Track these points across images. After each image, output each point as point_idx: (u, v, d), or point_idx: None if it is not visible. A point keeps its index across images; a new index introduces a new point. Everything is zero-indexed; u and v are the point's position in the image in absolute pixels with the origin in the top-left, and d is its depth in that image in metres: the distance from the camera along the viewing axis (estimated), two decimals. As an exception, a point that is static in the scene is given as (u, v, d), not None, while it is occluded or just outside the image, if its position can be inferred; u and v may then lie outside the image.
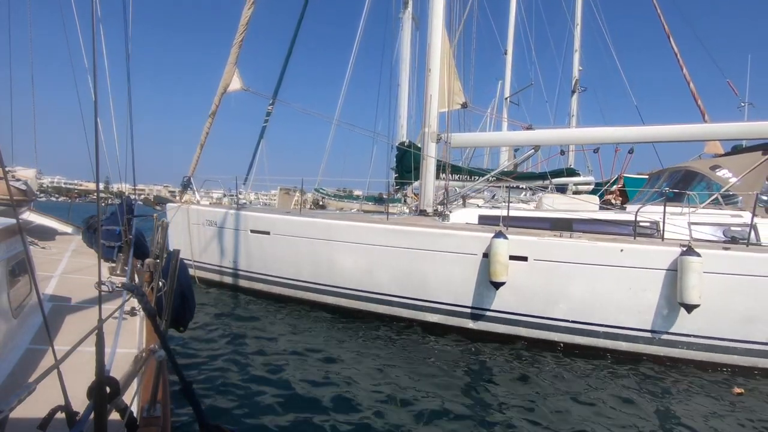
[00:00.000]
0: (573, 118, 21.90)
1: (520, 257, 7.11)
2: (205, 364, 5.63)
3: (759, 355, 6.40)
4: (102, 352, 1.35)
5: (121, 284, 2.18)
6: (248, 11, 11.83)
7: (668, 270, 6.50)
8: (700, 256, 6.23)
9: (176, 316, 3.32)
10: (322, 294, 8.86)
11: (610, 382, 5.87)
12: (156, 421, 1.93)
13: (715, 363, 6.51)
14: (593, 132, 9.20)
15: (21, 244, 3.09)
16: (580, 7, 21.47)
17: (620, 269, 6.73)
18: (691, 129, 8.57)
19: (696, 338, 6.51)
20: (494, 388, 5.48)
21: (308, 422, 4.31)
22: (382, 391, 5.12)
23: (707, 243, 6.87)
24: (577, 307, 6.99)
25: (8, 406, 1.19)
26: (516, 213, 8.36)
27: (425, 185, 10.39)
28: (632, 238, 7.01)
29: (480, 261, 7.35)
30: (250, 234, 9.81)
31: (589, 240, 6.99)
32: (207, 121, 12.21)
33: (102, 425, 1.31)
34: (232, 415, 4.36)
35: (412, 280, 7.94)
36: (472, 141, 10.61)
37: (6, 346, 2.54)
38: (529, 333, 7.31)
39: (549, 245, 7.07)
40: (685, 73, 16.29)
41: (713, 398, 5.53)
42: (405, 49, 17.89)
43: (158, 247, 4.16)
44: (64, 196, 60.62)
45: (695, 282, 6.19)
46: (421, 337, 7.44)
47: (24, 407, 1.27)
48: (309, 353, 6.23)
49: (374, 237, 8.17)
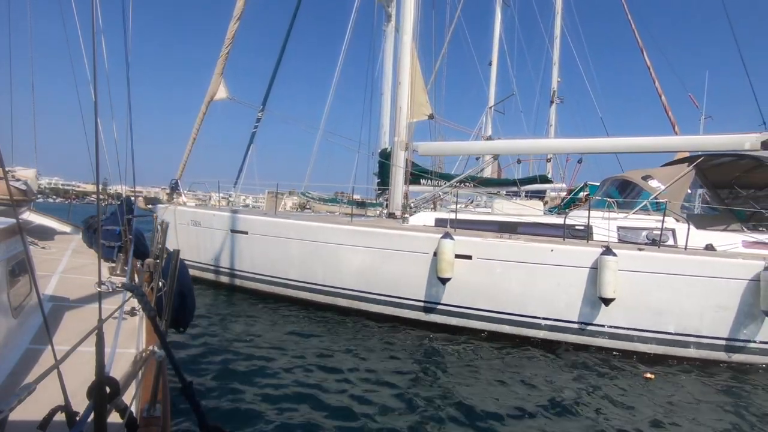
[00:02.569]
0: (552, 127, 22.87)
1: (465, 256, 7.95)
2: (205, 363, 5.79)
3: (668, 344, 7.25)
4: (102, 352, 1.34)
5: (121, 284, 2.23)
6: (234, 25, 12.76)
7: (591, 268, 7.36)
8: (616, 255, 7.10)
9: (175, 317, 3.29)
10: (296, 290, 9.64)
11: (540, 369, 6.59)
12: (156, 421, 1.94)
13: (630, 351, 7.35)
14: (544, 143, 10.08)
15: (21, 244, 3.10)
16: (558, 23, 22.50)
17: (551, 267, 7.59)
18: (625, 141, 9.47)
19: (613, 329, 7.37)
20: (441, 374, 6.07)
21: (306, 421, 4.46)
22: (365, 386, 5.44)
23: (626, 244, 7.74)
24: (514, 301, 7.83)
25: (8, 406, 1.19)
26: (469, 216, 9.22)
27: (394, 190, 11.26)
28: (562, 239, 7.87)
29: (431, 259, 8.19)
30: (230, 233, 10.63)
31: (524, 241, 7.85)
32: (194, 128, 13.11)
33: (102, 425, 1.30)
34: (232, 415, 4.44)
35: (373, 277, 8.77)
36: (437, 149, 11.49)
37: (6, 346, 2.54)
38: (474, 324, 8.13)
39: (490, 245, 7.92)
40: (658, 86, 17.26)
41: (627, 382, 6.29)
42: (388, 60, 18.76)
43: (158, 247, 4.07)
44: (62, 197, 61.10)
45: (611, 279, 7.06)
46: (380, 329, 8.19)
47: (24, 407, 1.27)
48: (287, 351, 6.59)
49: (339, 237, 9.00)
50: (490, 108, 26.63)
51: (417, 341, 7.60)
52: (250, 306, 9.40)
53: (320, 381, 5.50)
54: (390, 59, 19.05)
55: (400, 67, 11.68)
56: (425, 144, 11.39)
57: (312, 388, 5.27)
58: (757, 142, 9.14)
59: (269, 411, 4.62)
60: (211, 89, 12.92)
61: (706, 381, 6.52)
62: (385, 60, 19.09)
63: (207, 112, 13.13)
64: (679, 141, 9.90)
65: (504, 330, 7.96)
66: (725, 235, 8.01)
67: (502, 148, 10.53)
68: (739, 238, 7.88)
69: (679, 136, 9.42)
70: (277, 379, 5.50)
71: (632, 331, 7.29)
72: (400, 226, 9.12)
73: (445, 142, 11.97)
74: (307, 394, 5.09)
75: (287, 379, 5.49)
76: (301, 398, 4.97)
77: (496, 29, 25.20)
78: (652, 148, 9.32)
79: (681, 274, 7.09)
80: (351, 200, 17.68)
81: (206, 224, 11.12)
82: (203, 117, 13.14)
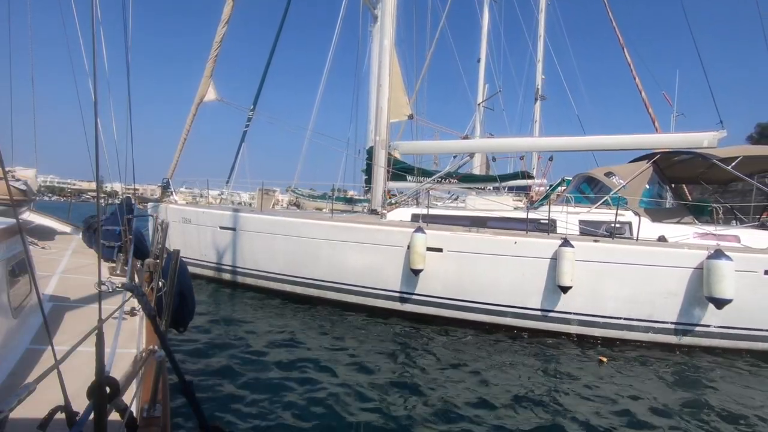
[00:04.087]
0: (536, 123, 23.40)
1: (436, 249, 8.50)
2: (204, 362, 5.84)
3: (622, 328, 7.83)
4: (102, 352, 1.35)
5: (121, 284, 2.28)
6: (222, 29, 13.19)
7: (551, 259, 7.92)
8: (573, 247, 7.66)
9: (175, 317, 3.29)
10: (282, 283, 10.16)
11: (504, 354, 7.07)
12: (156, 421, 1.94)
13: (588, 336, 7.93)
14: (515, 142, 10.61)
15: (21, 244, 3.11)
16: (543, 22, 22.97)
17: (515, 258, 8.14)
18: (594, 140, 10.02)
19: (572, 315, 7.94)
20: (415, 358, 6.53)
21: (302, 419, 4.55)
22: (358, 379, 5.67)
23: (584, 237, 8.30)
24: (482, 290, 8.38)
25: (8, 406, 1.19)
26: (443, 212, 9.77)
27: (375, 187, 11.78)
28: (525, 233, 8.41)
29: (405, 252, 8.73)
30: (219, 230, 11.14)
31: (491, 234, 8.40)
32: (184, 129, 13.57)
33: (102, 425, 1.31)
34: (231, 415, 4.49)
35: (352, 269, 9.30)
36: (417, 148, 12.00)
37: (6, 346, 2.53)
38: (446, 313, 8.68)
39: (459, 239, 8.47)
40: (638, 83, 17.85)
41: (583, 365, 6.80)
42: (374, 61, 19.23)
43: (158, 247, 4.07)
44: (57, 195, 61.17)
45: (568, 268, 7.62)
46: (359, 318, 8.72)
47: (24, 407, 1.28)
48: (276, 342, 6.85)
49: (320, 232, 9.54)
50: (479, 105, 27.25)
51: (392, 330, 8.11)
52: (240, 300, 9.91)
53: (312, 375, 5.68)
54: (376, 60, 19.55)
55: (380, 69, 12.17)
56: (405, 143, 11.92)
57: (306, 383, 5.42)
58: (714, 140, 9.74)
59: (267, 409, 4.69)
60: (200, 91, 13.36)
61: (657, 363, 7.03)
62: (371, 61, 19.58)
63: (197, 113, 13.66)
64: (642, 139, 10.46)
65: (473, 318, 8.51)
66: (679, 228, 8.57)
67: (475, 147, 11.08)
68: (691, 230, 8.45)
69: (640, 135, 9.95)
70: (269, 373, 5.64)
71: (589, 316, 7.86)
72: (378, 221, 9.65)
73: (423, 142, 12.50)
74: (303, 391, 5.21)
75: (281, 375, 5.63)
76: (295, 394, 5.09)
77: (483, 27, 25.69)
78: (616, 146, 9.87)
79: (633, 264, 7.66)
80: (339, 197, 18.20)
81: (196, 221, 11.62)
82: (193, 118, 13.59)
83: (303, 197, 19.74)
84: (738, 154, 8.54)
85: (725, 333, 7.53)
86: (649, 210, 9.03)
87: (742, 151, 8.70)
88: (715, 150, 8.98)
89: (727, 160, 8.51)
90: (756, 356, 7.46)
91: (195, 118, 13.59)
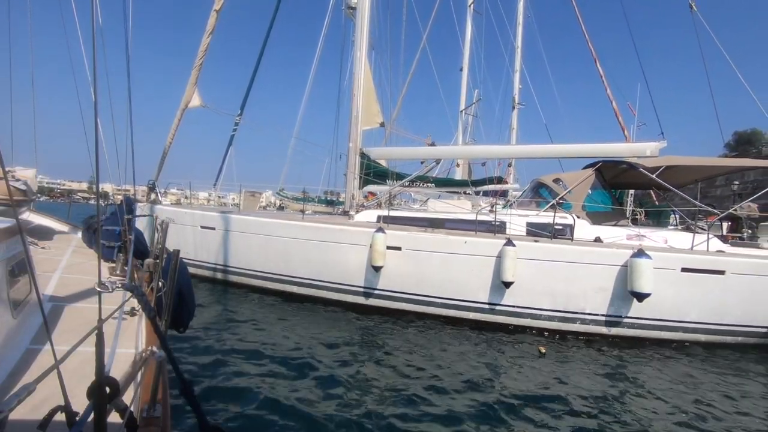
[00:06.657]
0: (513, 131, 24.38)
1: (395, 247, 9.32)
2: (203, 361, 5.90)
3: (559, 320, 8.69)
4: (102, 352, 1.35)
5: (121, 284, 2.22)
6: (207, 39, 13.96)
7: (496, 257, 8.76)
8: (515, 246, 8.51)
9: (175, 317, 3.31)
10: (258, 279, 10.90)
11: (453, 344, 7.74)
12: (156, 421, 1.94)
13: (528, 327, 8.78)
14: (476, 149, 11.49)
15: (21, 244, 3.10)
16: (520, 34, 24.01)
17: (465, 256, 8.98)
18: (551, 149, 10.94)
19: (514, 308, 8.79)
20: (377, 348, 7.09)
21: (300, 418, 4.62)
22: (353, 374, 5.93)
23: (528, 237, 9.16)
24: (437, 286, 9.21)
25: (8, 406, 1.20)
26: (405, 214, 10.60)
27: (347, 190, 12.60)
28: (474, 233, 9.26)
29: (368, 250, 9.53)
30: (200, 229, 11.88)
31: (444, 234, 9.24)
32: (170, 134, 14.30)
33: (102, 425, 1.31)
34: (231, 416, 4.54)
35: (320, 266, 10.09)
36: (386, 154, 12.85)
37: (6, 346, 2.54)
38: (406, 307, 9.49)
39: (416, 238, 9.29)
40: (609, 93, 18.91)
41: (524, 353, 7.50)
42: (357, 69, 20.13)
43: (158, 247, 4.02)
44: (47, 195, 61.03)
45: (510, 265, 8.47)
46: (328, 312, 9.45)
47: (24, 407, 1.28)
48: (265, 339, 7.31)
49: (290, 231, 10.32)
50: (461, 111, 28.23)
51: (356, 323, 8.80)
52: (224, 294, 10.64)
53: (295, 369, 5.89)
54: (358, 68, 20.45)
55: (354, 79, 13.01)
56: (376, 149, 12.76)
57: (299, 380, 5.61)
58: (656, 150, 10.66)
59: (265, 406, 4.79)
60: (185, 98, 14.12)
61: (589, 351, 7.83)
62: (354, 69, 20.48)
63: (182, 118, 14.39)
64: (594, 148, 11.35)
65: (430, 311, 9.33)
66: (615, 230, 9.46)
67: (439, 154, 11.94)
68: (625, 232, 9.35)
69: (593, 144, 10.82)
70: (261, 368, 5.82)
71: (529, 309, 8.72)
72: (345, 221, 10.46)
73: (393, 148, 13.38)
74: (298, 388, 5.34)
75: (270, 369, 5.84)
76: (292, 393, 5.19)
77: (467, 37, 26.66)
78: (573, 154, 10.77)
79: (568, 261, 8.52)
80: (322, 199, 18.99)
81: (180, 221, 12.33)
82: (178, 123, 14.34)
83: (288, 199, 20.51)
84: (662, 164, 9.46)
85: (647, 324, 8.41)
86: (591, 213, 9.92)
87: (665, 161, 9.61)
88: (643, 159, 9.89)
89: (652, 169, 9.42)
90: (677, 346, 8.31)
91: (180, 122, 14.41)
